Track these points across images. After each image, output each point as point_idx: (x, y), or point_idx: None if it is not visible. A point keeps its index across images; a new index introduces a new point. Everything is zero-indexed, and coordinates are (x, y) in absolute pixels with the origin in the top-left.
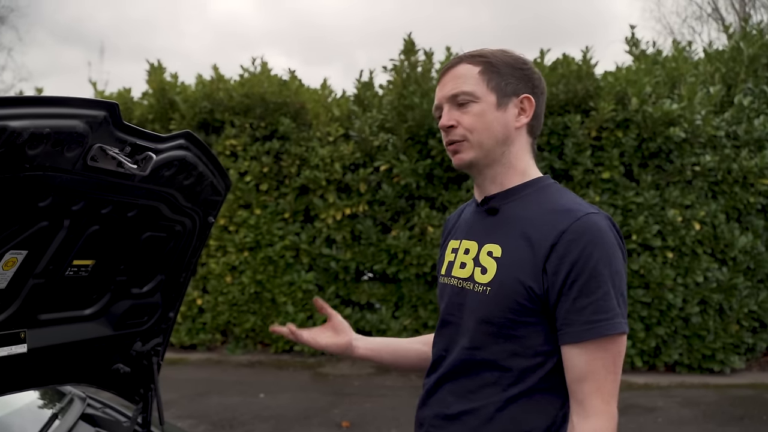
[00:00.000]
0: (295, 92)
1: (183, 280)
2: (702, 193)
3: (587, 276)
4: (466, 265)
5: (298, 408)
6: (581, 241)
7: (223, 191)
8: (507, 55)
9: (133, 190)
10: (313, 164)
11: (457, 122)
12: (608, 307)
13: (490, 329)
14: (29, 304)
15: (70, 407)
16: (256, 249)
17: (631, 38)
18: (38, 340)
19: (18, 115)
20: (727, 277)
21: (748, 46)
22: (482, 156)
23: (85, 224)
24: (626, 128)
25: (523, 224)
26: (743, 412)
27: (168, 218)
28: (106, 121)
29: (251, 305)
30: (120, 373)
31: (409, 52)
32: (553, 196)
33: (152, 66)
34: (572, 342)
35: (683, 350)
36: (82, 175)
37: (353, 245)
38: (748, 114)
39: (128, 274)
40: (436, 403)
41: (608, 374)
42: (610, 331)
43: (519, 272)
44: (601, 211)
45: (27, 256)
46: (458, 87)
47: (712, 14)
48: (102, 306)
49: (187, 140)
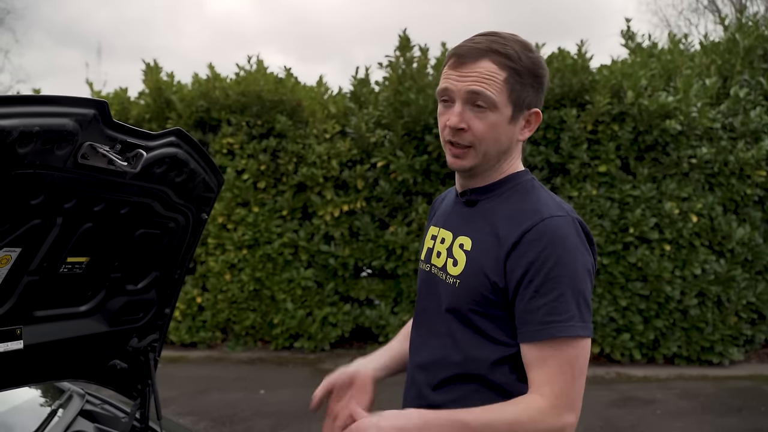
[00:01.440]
0: (291, 90)
1: (178, 277)
2: (699, 185)
3: (543, 277)
4: (441, 254)
5: (299, 404)
6: (540, 243)
7: (216, 188)
8: (529, 57)
9: (125, 187)
10: (310, 161)
11: (468, 126)
12: (562, 310)
13: (457, 318)
14: (24, 301)
15: (69, 403)
16: (254, 247)
17: (626, 31)
18: (34, 336)
19: (7, 114)
20: (725, 269)
21: (744, 37)
22: (481, 164)
23: (78, 222)
24: (622, 121)
25: (494, 219)
26: (742, 403)
27: (161, 215)
28: (95, 119)
29: (251, 303)
30: (117, 369)
31: (404, 48)
32: (527, 194)
33: (148, 66)
34: (525, 341)
35: (682, 342)
36: (73, 172)
37: (351, 242)
38: (744, 106)
39: (123, 271)
40: (415, 393)
41: (561, 374)
42: (561, 333)
43: (485, 266)
44: (570, 214)
45: (21, 253)
46: (482, 87)
47: (709, 6)
48: (97, 303)
49: (178, 137)
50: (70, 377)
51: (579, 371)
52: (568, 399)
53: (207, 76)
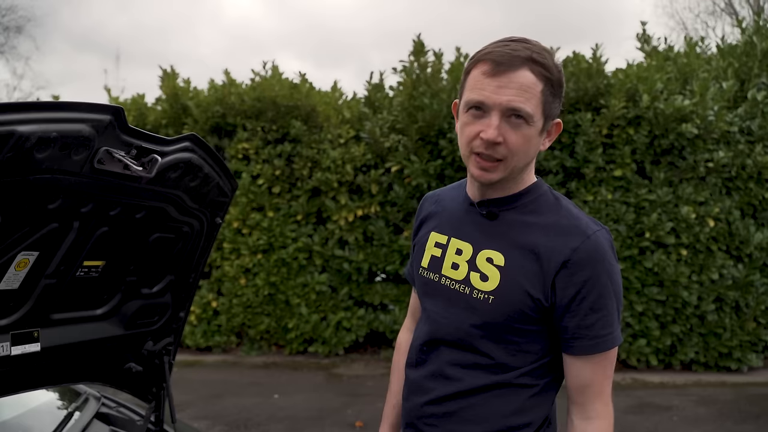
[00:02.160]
0: (306, 95)
1: (192, 281)
2: (716, 189)
3: (597, 294)
4: (460, 266)
5: (312, 408)
6: (592, 260)
7: (230, 192)
8: (557, 66)
9: (141, 192)
10: (324, 166)
11: (504, 139)
12: (612, 321)
13: (488, 333)
14: (42, 304)
15: (85, 406)
16: (269, 251)
17: (642, 35)
18: (51, 339)
19: (25, 120)
20: (743, 273)
21: (762, 40)
22: (508, 177)
23: (94, 226)
24: (638, 125)
25: (527, 235)
26: (760, 410)
27: (176, 219)
28: (111, 125)
29: (265, 307)
30: (132, 372)
31: (418, 53)
32: (557, 207)
33: (165, 72)
34: (580, 354)
35: (699, 348)
36: (89, 177)
37: (366, 246)
38: (762, 109)
39: (138, 275)
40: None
41: (605, 379)
42: (614, 344)
43: (526, 283)
44: (603, 227)
45: (38, 257)
46: (522, 103)
47: (726, 9)
48: (113, 306)
49: (193, 143)
50: (86, 380)
51: (613, 371)
52: (610, 398)
53: (223, 82)
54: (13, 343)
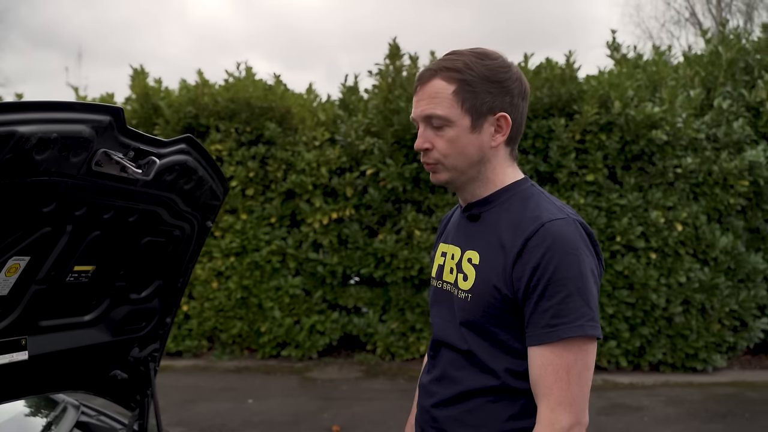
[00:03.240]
0: (281, 97)
1: (180, 285)
2: (684, 194)
3: (547, 280)
4: (453, 270)
5: (287, 413)
6: (542, 247)
7: (222, 195)
8: (484, 64)
9: (135, 194)
10: (299, 169)
11: (432, 145)
12: (568, 311)
13: (474, 332)
14: (30, 311)
15: (65, 415)
16: (242, 254)
17: (612, 42)
18: (39, 347)
19: (26, 120)
20: (708, 277)
21: (726, 50)
22: (457, 176)
23: (87, 230)
24: (609, 131)
25: (499, 231)
26: (726, 410)
27: (167, 223)
28: (110, 126)
29: (238, 311)
30: (117, 380)
31: (394, 56)
32: (527, 201)
33: (135, 71)
34: (531, 345)
35: (667, 350)
36: (86, 180)
37: (340, 249)
38: (727, 117)
39: (127, 280)
40: (432, 403)
41: (557, 381)
42: (567, 333)
43: (494, 278)
44: (571, 216)
45: (29, 262)
46: (432, 109)
47: (690, 19)
48: (101, 312)
49: (188, 145)
50: (71, 388)
51: (577, 374)
52: (561, 404)
53: (196, 82)
54: (1, 352)
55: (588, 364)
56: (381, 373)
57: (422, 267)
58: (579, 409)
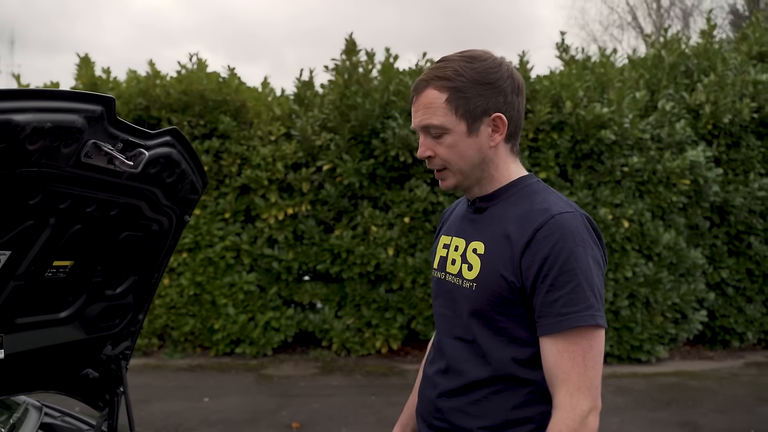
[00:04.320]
0: (236, 90)
1: (155, 281)
2: (630, 192)
3: (557, 271)
4: (456, 261)
5: (245, 411)
6: (552, 238)
7: (201, 189)
8: (473, 68)
9: (119, 187)
10: (254, 163)
11: (434, 152)
12: (578, 300)
13: (480, 321)
14: (8, 308)
15: (27, 417)
16: (195, 250)
17: (561, 44)
18: (14, 345)
19: (21, 109)
20: (652, 271)
21: (669, 54)
22: (463, 180)
23: (69, 223)
24: (561, 130)
25: (505, 223)
26: (670, 398)
27: (147, 217)
28: (102, 116)
29: (190, 308)
30: (89, 379)
31: (350, 52)
32: (534, 196)
33: (82, 60)
34: (544, 334)
35: (614, 342)
36: (73, 172)
37: (296, 245)
38: (670, 118)
39: (104, 276)
40: (436, 394)
41: (573, 367)
42: (578, 322)
43: (500, 267)
44: (578, 210)
45: (10, 256)
46: (428, 119)
47: (632, 23)
48: (77, 309)
49: (173, 137)
50: (43, 388)
51: (593, 359)
52: (579, 390)
53: (147, 73)
54: None
55: (600, 351)
56: (337, 369)
57: (378, 263)
58: (596, 393)
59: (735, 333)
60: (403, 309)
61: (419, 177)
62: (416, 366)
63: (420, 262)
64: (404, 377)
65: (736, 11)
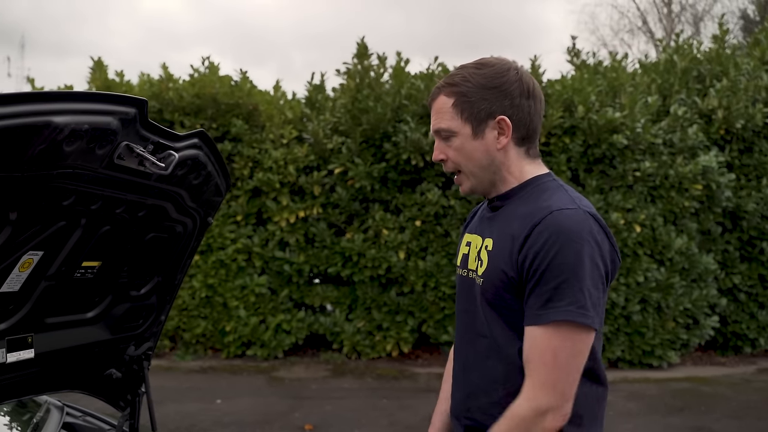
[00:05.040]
0: (248, 93)
1: (177, 282)
2: (642, 197)
3: (546, 266)
4: (474, 258)
5: (258, 413)
6: (545, 234)
7: (224, 191)
8: (481, 73)
9: (148, 189)
10: (266, 167)
11: (445, 155)
12: (563, 296)
13: (492, 315)
14: (39, 307)
15: (49, 417)
16: (207, 252)
17: (572, 48)
18: (43, 344)
19: (60, 111)
20: (664, 276)
21: (681, 59)
22: (477, 183)
23: (98, 224)
24: (573, 135)
25: (512, 220)
26: (683, 404)
27: (172, 219)
28: (134, 119)
29: (202, 310)
30: (112, 379)
31: (362, 56)
32: (543, 193)
33: (96, 63)
34: (526, 324)
35: (625, 347)
36: (105, 173)
37: (307, 248)
38: (682, 123)
39: (129, 276)
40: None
41: (543, 363)
42: (555, 317)
43: (502, 263)
44: (582, 208)
45: (42, 257)
46: (438, 123)
47: (642, 27)
48: (103, 309)
49: (200, 139)
50: (69, 388)
51: (564, 359)
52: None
53: (160, 77)
54: (9, 350)
55: (576, 351)
56: (348, 371)
57: (389, 266)
58: (560, 395)
59: (747, 339)
60: (414, 312)
61: (431, 180)
62: (427, 369)
63: (431, 266)
64: (415, 380)
65: (747, 16)
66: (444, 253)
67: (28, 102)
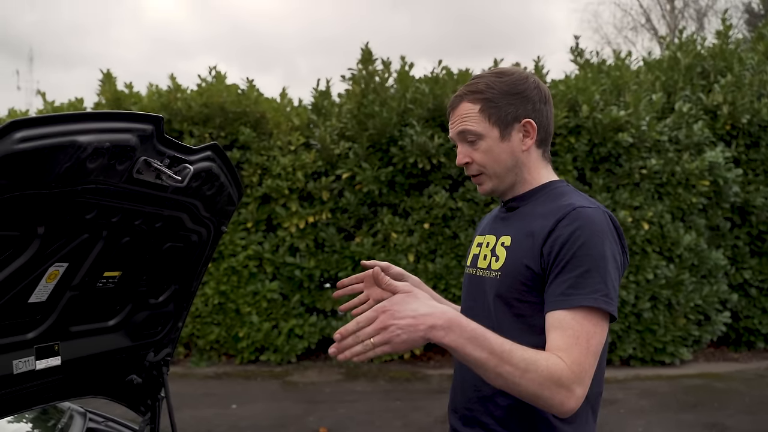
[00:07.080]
0: (255, 102)
1: (193, 289)
2: (649, 194)
3: (571, 254)
4: (486, 257)
5: (273, 417)
6: (572, 226)
7: (237, 200)
8: (503, 81)
9: (165, 201)
10: (275, 173)
11: (471, 159)
12: (585, 284)
13: (502, 307)
14: (64, 317)
15: (72, 423)
16: (218, 259)
17: (575, 48)
18: (68, 352)
19: (83, 131)
20: (674, 273)
21: (684, 56)
22: (498, 184)
23: (119, 236)
24: (578, 134)
25: (531, 219)
26: (696, 400)
27: (188, 228)
28: (152, 135)
29: (215, 316)
30: (133, 384)
31: (366, 61)
32: (561, 196)
33: (105, 75)
34: (548, 310)
35: (637, 344)
36: (125, 187)
37: (317, 253)
38: (687, 120)
39: (148, 285)
40: (470, 387)
41: (577, 345)
42: (582, 302)
43: (523, 256)
44: (601, 208)
45: (67, 268)
46: (464, 126)
47: (645, 25)
48: (124, 317)
49: (214, 152)
50: (93, 393)
51: (595, 346)
52: (581, 370)
53: (168, 87)
54: (38, 357)
55: (602, 340)
56: (361, 375)
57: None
58: (588, 379)
59: (759, 334)
60: None
61: (438, 183)
62: (439, 371)
63: (440, 268)
64: (427, 382)
65: (752, 10)
66: (453, 255)
67: (53, 124)
